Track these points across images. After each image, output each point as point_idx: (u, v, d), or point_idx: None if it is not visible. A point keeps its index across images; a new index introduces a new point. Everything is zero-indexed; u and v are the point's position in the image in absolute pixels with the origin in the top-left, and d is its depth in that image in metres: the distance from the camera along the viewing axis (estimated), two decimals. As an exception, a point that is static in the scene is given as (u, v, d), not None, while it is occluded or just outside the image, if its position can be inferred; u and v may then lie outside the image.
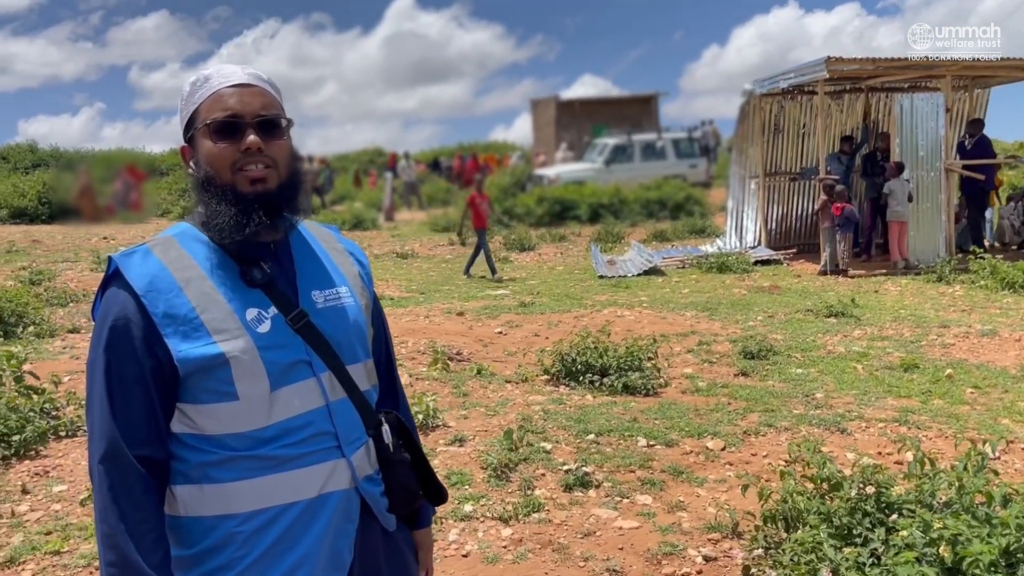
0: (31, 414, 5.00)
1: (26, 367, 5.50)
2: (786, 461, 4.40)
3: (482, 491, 4.22)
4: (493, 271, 12.21)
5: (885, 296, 9.70)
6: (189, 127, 1.52)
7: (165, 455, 1.44)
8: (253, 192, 1.46)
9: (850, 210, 11.39)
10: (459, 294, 10.70)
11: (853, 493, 3.18)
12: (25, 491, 4.31)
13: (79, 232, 19.12)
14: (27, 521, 3.99)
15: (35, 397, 5.22)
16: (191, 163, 1.52)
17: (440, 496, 1.72)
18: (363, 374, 1.58)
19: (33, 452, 4.80)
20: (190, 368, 1.40)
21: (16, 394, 5.20)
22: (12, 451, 4.71)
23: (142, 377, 1.40)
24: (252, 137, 1.45)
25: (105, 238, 17.87)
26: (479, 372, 6.46)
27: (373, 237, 18.57)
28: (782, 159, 14.29)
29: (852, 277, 11.13)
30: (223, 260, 1.48)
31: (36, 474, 4.53)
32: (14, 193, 23.45)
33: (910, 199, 11.28)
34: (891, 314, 8.51)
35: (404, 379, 6.22)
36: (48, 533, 3.85)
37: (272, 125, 1.49)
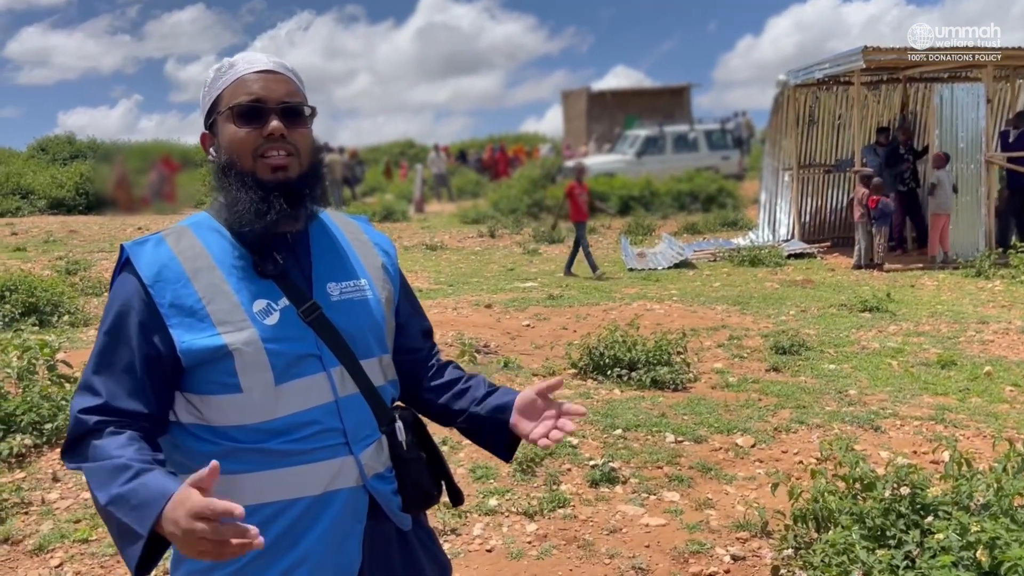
0: (63, 402, 5.06)
1: (59, 356, 5.56)
2: (817, 459, 4.31)
3: (507, 485, 4.19)
4: (593, 268, 11.21)
5: (921, 291, 9.51)
6: (211, 113, 1.51)
7: (149, 411, 1.39)
8: (274, 179, 1.44)
9: (886, 203, 11.17)
10: (487, 286, 10.68)
11: (887, 493, 3.10)
12: (56, 479, 4.36)
13: (115, 222, 19.41)
14: (57, 509, 4.04)
15: (67, 386, 5.27)
16: (211, 150, 1.51)
17: (457, 498, 1.68)
18: (378, 369, 1.55)
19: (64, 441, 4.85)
20: (194, 359, 1.38)
21: (49, 383, 5.27)
22: (44, 439, 4.77)
23: (132, 366, 1.38)
24: (275, 122, 1.43)
25: (140, 228, 18.09)
26: (506, 365, 6.43)
27: (403, 229, 18.61)
28: (816, 151, 14.06)
29: (887, 271, 10.92)
30: (236, 250, 1.46)
31: (67, 462, 4.58)
32: (52, 184, 23.88)
33: (955, 191, 11.04)
34: (928, 309, 8.33)
35: (431, 371, 6.22)
36: (77, 521, 3.89)
37: (295, 113, 1.47)
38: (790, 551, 3.30)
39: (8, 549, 3.65)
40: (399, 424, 1.56)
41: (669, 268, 11.74)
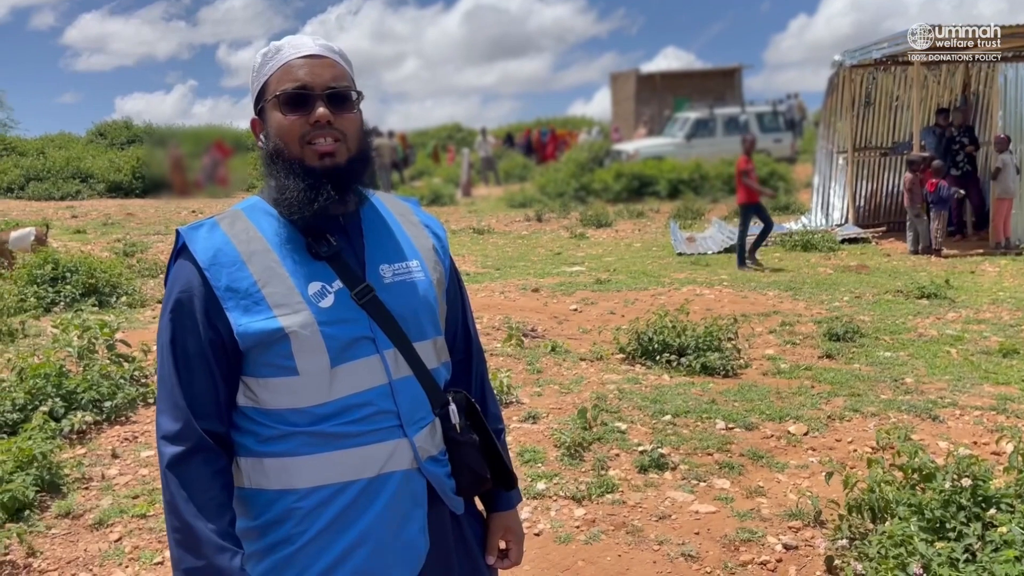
0: (122, 381, 5.19)
1: (118, 336, 5.70)
2: (873, 448, 4.22)
3: (555, 469, 4.18)
4: (741, 260, 10.26)
5: (982, 277, 9.22)
6: (260, 99, 1.50)
7: (225, 429, 1.44)
8: (322, 166, 1.43)
9: (945, 186, 10.85)
10: (534, 270, 10.66)
11: (947, 485, 3.01)
12: (115, 455, 4.48)
13: (170, 206, 19.83)
14: (116, 484, 4.15)
15: (126, 365, 5.41)
16: (261, 136, 1.50)
17: (509, 482, 1.66)
18: (431, 351, 1.53)
19: (123, 418, 4.98)
20: (250, 342, 1.39)
21: (108, 362, 5.41)
22: (104, 416, 4.90)
23: (202, 351, 1.40)
24: (321, 110, 1.42)
25: (194, 211, 18.46)
26: (553, 349, 6.41)
27: (450, 212, 18.67)
28: (873, 133, 13.71)
29: (946, 257, 10.62)
30: (290, 233, 1.46)
31: (126, 439, 4.70)
32: (110, 168, 24.47)
33: (1017, 172, 10.67)
34: (989, 296, 8.08)
35: (479, 355, 6.23)
36: (135, 497, 3.99)
37: (342, 98, 1.46)
38: (844, 541, 3.24)
39: (69, 523, 3.77)
40: (452, 407, 1.54)
41: (719, 253, 11.58)
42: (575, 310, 7.97)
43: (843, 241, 12.05)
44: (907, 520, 2.97)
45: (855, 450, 4.36)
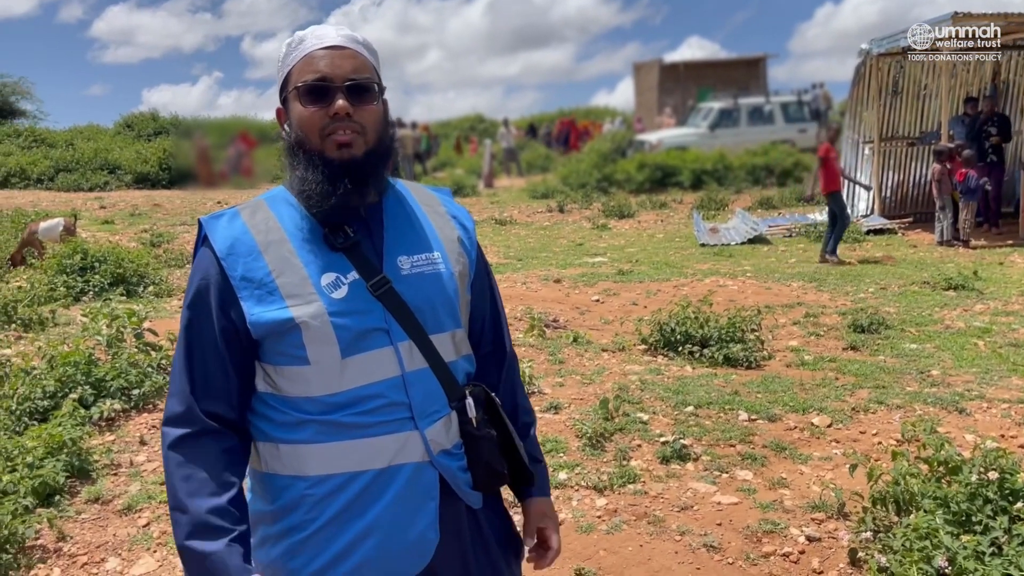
0: (149, 369, 5.26)
1: (145, 325, 5.78)
2: (898, 441, 4.20)
3: (577, 459, 4.19)
4: (832, 251, 9.77)
5: (1011, 269, 9.08)
6: (283, 89, 1.50)
7: (236, 415, 1.47)
8: (339, 158, 1.43)
9: (974, 177, 10.69)
10: (556, 261, 10.65)
11: (973, 478, 2.99)
12: (143, 442, 4.55)
13: (196, 196, 20.01)
14: (144, 471, 4.21)
15: (153, 353, 5.48)
16: (284, 126, 1.51)
17: (527, 480, 1.64)
18: (450, 344, 1.52)
19: (151, 406, 5.05)
20: (262, 331, 1.41)
21: (136, 350, 5.48)
22: (132, 404, 4.97)
23: (215, 339, 1.43)
24: (340, 102, 1.42)
25: (219, 202, 18.59)
26: (575, 340, 6.42)
27: (472, 203, 18.68)
28: (900, 123, 13.53)
29: (974, 248, 10.48)
30: (310, 224, 1.47)
31: (153, 427, 4.77)
32: (137, 159, 24.73)
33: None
34: (1018, 288, 7.96)
35: (501, 345, 6.24)
36: (162, 483, 4.04)
37: (362, 89, 1.45)
38: (868, 534, 3.22)
39: (99, 508, 3.83)
40: (469, 400, 1.53)
41: (742, 243, 11.50)
42: (597, 301, 7.97)
43: (868, 232, 11.92)
44: (932, 513, 2.95)
45: (880, 443, 4.33)
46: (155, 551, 3.46)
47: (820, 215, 13.41)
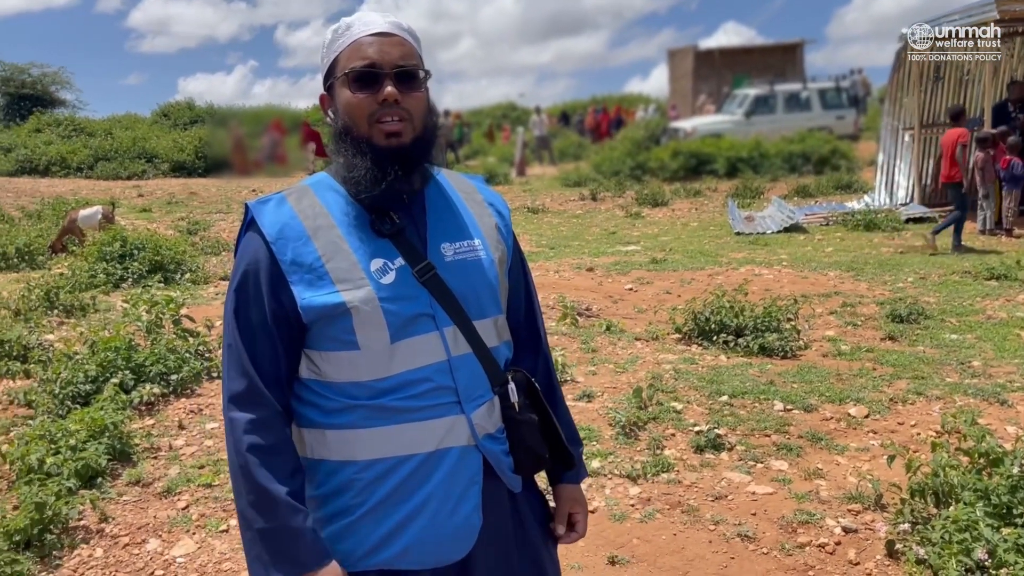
0: (187, 355, 5.35)
1: (183, 311, 5.87)
2: (938, 432, 4.12)
3: (610, 448, 4.18)
4: (957, 244, 9.38)
5: (1056, 258, 8.87)
6: (329, 75, 1.51)
7: (286, 399, 1.48)
8: (388, 145, 1.44)
9: (1019, 164, 10.45)
10: (589, 249, 10.61)
11: (1015, 470, 2.94)
12: (181, 427, 4.63)
13: (231, 185, 20.23)
14: (183, 455, 4.29)
15: (191, 340, 5.57)
16: (329, 112, 1.52)
17: (568, 462, 1.66)
18: (492, 330, 1.54)
19: (189, 391, 5.14)
20: (313, 316, 1.42)
21: (174, 336, 5.57)
22: (171, 389, 5.06)
23: (266, 322, 1.43)
24: (389, 88, 1.43)
25: (254, 190, 18.77)
26: (608, 328, 6.39)
27: (504, 191, 18.67)
28: (941, 109, 13.23)
29: (1017, 237, 10.24)
30: (355, 210, 1.48)
31: (191, 411, 4.85)
32: (174, 148, 25.07)
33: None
34: (1063, 278, 7.77)
35: (534, 333, 6.24)
36: (201, 467, 4.12)
37: (410, 76, 1.47)
38: (906, 526, 3.18)
39: (140, 491, 3.91)
40: (511, 385, 1.55)
41: (778, 232, 11.36)
42: (630, 289, 7.93)
43: (908, 221, 11.70)
44: (972, 505, 2.90)
45: (918, 434, 4.27)
46: (194, 533, 3.52)
47: (857, 203, 13.21)
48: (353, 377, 1.44)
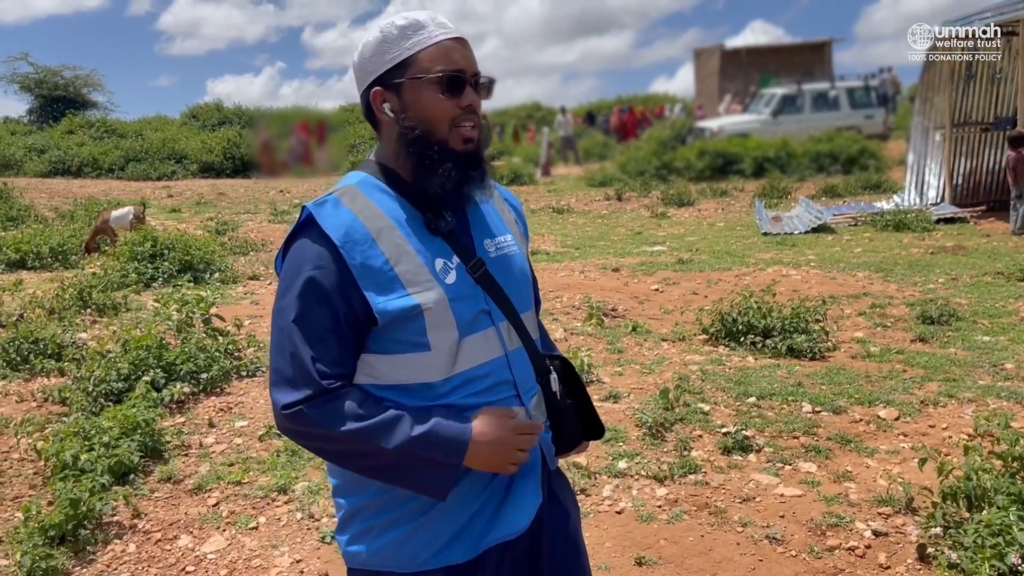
0: (217, 354, 5.41)
1: (212, 311, 5.94)
2: (970, 435, 4.07)
3: (636, 449, 4.17)
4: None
5: (1092, 259, 8.71)
6: (395, 72, 1.47)
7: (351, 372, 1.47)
8: (465, 150, 1.47)
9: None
10: (614, 250, 10.59)
11: (1050, 475, 2.89)
12: (211, 425, 4.68)
13: (259, 186, 20.40)
14: (213, 452, 4.34)
15: (220, 339, 5.63)
16: (385, 107, 1.49)
17: (598, 432, 1.73)
18: (532, 322, 1.61)
19: (219, 389, 5.19)
20: (388, 319, 1.40)
21: (204, 335, 5.64)
22: (201, 388, 5.12)
23: (338, 325, 1.41)
24: (474, 96, 1.48)
25: (281, 191, 18.95)
26: (634, 329, 6.38)
27: (530, 192, 18.68)
28: (973, 108, 13.07)
29: (1052, 238, 10.07)
30: (407, 210, 1.48)
31: (221, 409, 4.90)
32: (203, 149, 25.35)
33: None
34: (1098, 279, 7.64)
35: (558, 333, 6.25)
36: (231, 465, 4.16)
37: (484, 84, 1.52)
38: (938, 529, 3.14)
39: (171, 487, 3.96)
40: (554, 375, 1.61)
41: (806, 232, 11.27)
42: (656, 290, 7.90)
43: (938, 221, 11.55)
44: (1006, 509, 2.86)
45: (950, 437, 4.21)
46: (224, 530, 3.57)
47: (887, 203, 13.06)
48: (418, 378, 1.44)
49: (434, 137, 1.46)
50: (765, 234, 11.35)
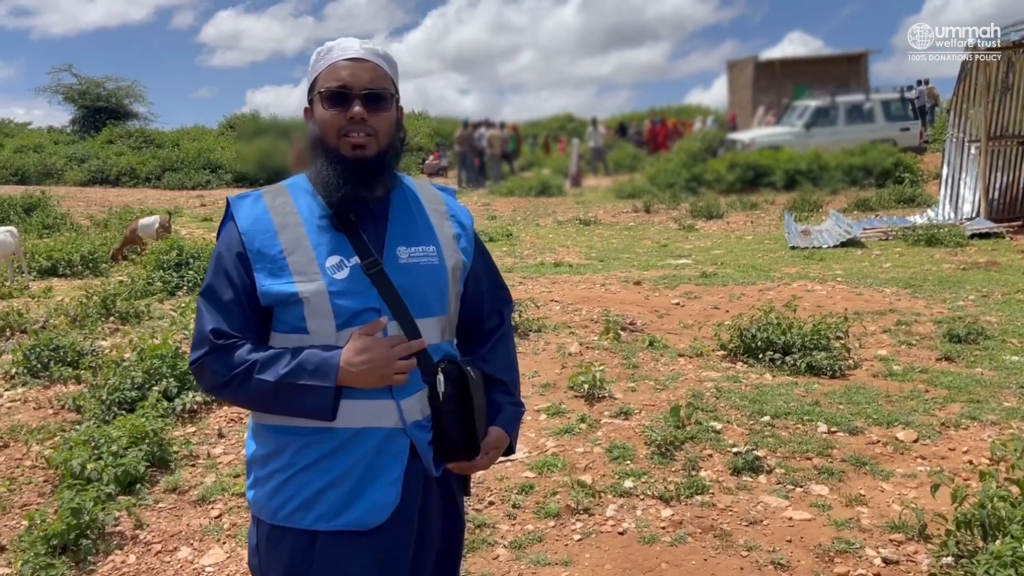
0: (231, 364, 5.42)
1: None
2: (989, 460, 3.94)
3: (644, 468, 4.10)
4: None
5: None
6: (311, 91, 1.72)
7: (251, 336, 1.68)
8: (353, 156, 1.65)
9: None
10: (639, 263, 10.50)
11: (1067, 505, 2.77)
12: (221, 435, 4.70)
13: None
14: (220, 463, 4.34)
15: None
16: (310, 123, 1.72)
17: (472, 451, 1.73)
18: (435, 328, 1.71)
19: (231, 399, 5.20)
20: (270, 301, 1.63)
21: (219, 345, 5.66)
22: (213, 398, 5.14)
23: (239, 298, 1.64)
24: (357, 108, 1.64)
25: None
26: (651, 344, 6.29)
27: (558, 203, 18.65)
28: (1009, 121, 12.76)
29: (1091, 254, 9.79)
30: (321, 210, 1.68)
31: (231, 420, 4.92)
32: (237, 159, 25.68)
33: None
34: None
35: (574, 347, 6.18)
36: (237, 476, 4.16)
37: (378, 98, 1.66)
38: (950, 559, 3.03)
39: (176, 498, 3.97)
40: (440, 376, 1.68)
41: (835, 247, 11.08)
42: (677, 304, 7.80)
43: (972, 236, 11.28)
44: (1020, 539, 2.75)
45: (970, 461, 4.08)
46: (224, 543, 3.56)
47: (920, 218, 12.81)
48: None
49: (327, 145, 1.66)
50: (793, 248, 11.18)
